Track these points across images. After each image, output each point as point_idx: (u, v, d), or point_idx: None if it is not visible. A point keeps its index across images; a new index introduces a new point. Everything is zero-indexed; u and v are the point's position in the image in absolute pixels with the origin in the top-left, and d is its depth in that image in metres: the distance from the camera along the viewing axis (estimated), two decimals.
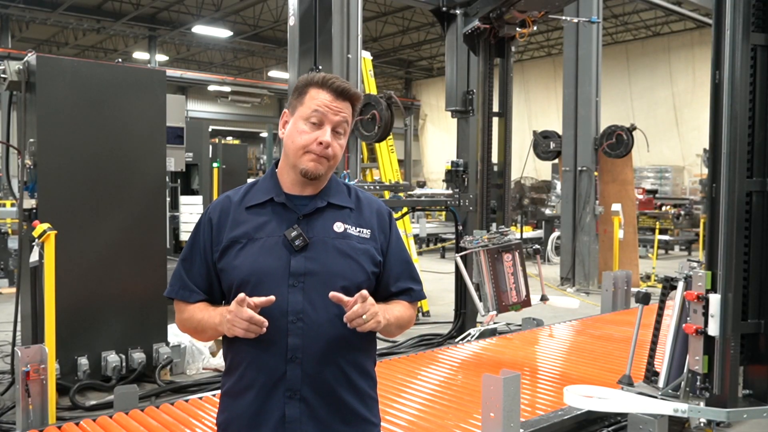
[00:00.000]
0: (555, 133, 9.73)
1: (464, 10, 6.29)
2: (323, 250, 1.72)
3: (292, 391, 1.67)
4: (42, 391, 3.65)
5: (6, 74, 4.94)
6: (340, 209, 1.79)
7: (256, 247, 1.73)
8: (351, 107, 1.78)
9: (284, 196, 1.78)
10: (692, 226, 15.80)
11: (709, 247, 3.10)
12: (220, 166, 10.20)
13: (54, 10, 18.84)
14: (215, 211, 1.81)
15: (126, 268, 5.21)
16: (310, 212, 1.76)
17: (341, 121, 1.75)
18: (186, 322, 1.81)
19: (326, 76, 1.77)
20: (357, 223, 1.79)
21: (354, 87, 1.81)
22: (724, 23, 2.98)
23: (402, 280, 1.85)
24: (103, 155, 5.10)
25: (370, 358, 1.82)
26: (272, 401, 1.68)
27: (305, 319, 1.68)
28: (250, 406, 1.70)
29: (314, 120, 1.73)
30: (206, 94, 23.68)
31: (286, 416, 1.67)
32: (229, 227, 1.77)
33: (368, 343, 1.81)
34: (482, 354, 5.12)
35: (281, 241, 1.72)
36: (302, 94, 1.77)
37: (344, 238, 1.75)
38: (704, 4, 12.05)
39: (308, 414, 1.68)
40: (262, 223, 1.75)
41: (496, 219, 6.31)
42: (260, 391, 1.69)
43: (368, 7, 19.71)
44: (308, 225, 1.74)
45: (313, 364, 1.68)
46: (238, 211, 1.78)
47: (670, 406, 3.13)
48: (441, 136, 29.01)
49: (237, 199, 1.81)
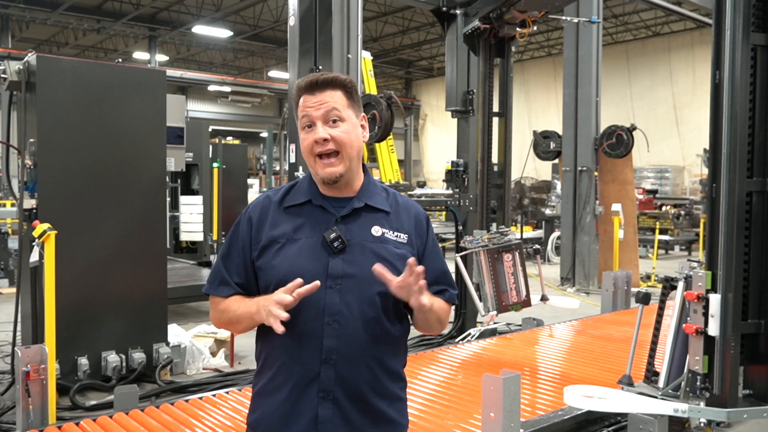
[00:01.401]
0: (555, 133, 9.76)
1: (464, 10, 6.28)
2: (361, 253, 1.72)
3: (326, 392, 1.68)
4: (42, 391, 3.65)
5: (6, 74, 4.94)
6: (377, 212, 1.80)
7: (295, 247, 1.74)
8: (338, 90, 1.75)
9: (322, 197, 1.79)
10: (692, 226, 15.80)
11: (709, 247, 3.09)
12: (220, 166, 10.19)
13: (54, 10, 18.85)
14: (255, 209, 1.82)
15: (126, 268, 5.20)
16: (348, 213, 1.76)
17: (328, 111, 1.73)
18: (222, 314, 1.81)
19: (303, 80, 1.77)
20: (394, 228, 1.79)
21: (328, 73, 1.79)
22: (724, 23, 2.98)
23: (437, 285, 1.84)
24: (104, 155, 5.10)
25: (400, 361, 1.83)
26: (305, 401, 1.69)
27: (341, 321, 1.68)
28: (282, 406, 1.71)
29: (306, 123, 1.75)
30: (206, 94, 23.66)
31: (319, 417, 1.68)
32: (269, 226, 1.78)
33: (400, 346, 1.82)
34: (482, 354, 5.12)
35: (320, 243, 1.72)
36: (296, 109, 1.79)
37: (382, 242, 1.75)
38: (704, 4, 12.05)
39: (340, 415, 1.69)
40: (301, 224, 1.76)
41: (496, 219, 6.31)
42: (293, 390, 1.70)
43: (368, 7, 19.72)
44: (346, 227, 1.75)
45: (346, 365, 1.69)
46: (278, 211, 1.80)
47: (670, 406, 3.13)
48: (441, 136, 29.00)
49: (277, 199, 1.82)
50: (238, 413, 3.66)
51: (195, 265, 9.19)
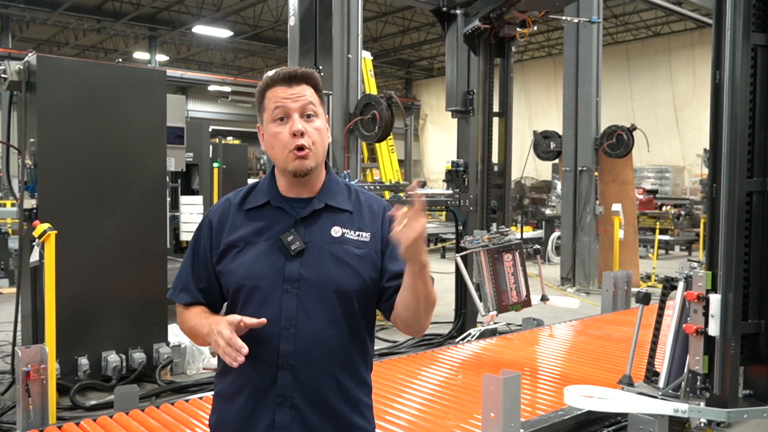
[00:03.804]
0: (555, 133, 9.75)
1: (464, 10, 6.29)
2: (318, 255, 1.68)
3: (283, 398, 1.65)
4: (42, 391, 3.65)
5: (6, 74, 4.94)
6: (339, 212, 1.75)
7: (253, 251, 1.70)
8: (310, 87, 1.73)
9: (281, 198, 1.75)
10: (692, 226, 15.79)
11: (709, 247, 3.09)
12: (221, 166, 10.19)
13: (54, 10, 18.84)
14: (216, 213, 1.80)
15: (126, 268, 5.21)
16: (308, 215, 1.72)
17: (305, 104, 1.70)
18: (183, 324, 1.81)
19: (272, 73, 1.74)
20: (356, 227, 1.73)
21: (303, 68, 1.77)
22: (725, 23, 2.98)
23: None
24: (104, 155, 5.10)
25: (364, 365, 1.78)
26: (262, 407, 1.67)
27: (298, 326, 1.65)
28: (241, 410, 1.69)
29: (279, 116, 1.69)
30: (206, 94, 23.60)
31: (276, 422, 1.65)
32: (228, 230, 1.75)
33: (363, 350, 1.76)
34: (482, 354, 5.12)
35: (277, 246, 1.69)
36: (262, 101, 1.74)
37: (341, 243, 1.70)
38: (704, 4, 12.05)
39: (299, 421, 1.65)
40: (260, 227, 1.73)
41: (496, 219, 6.31)
42: (251, 395, 1.68)
43: (368, 7, 19.71)
44: (305, 229, 1.71)
45: (305, 371, 1.65)
46: (237, 215, 1.76)
47: (670, 407, 3.13)
48: (441, 136, 29.00)
49: (237, 201, 1.79)
50: None
51: None
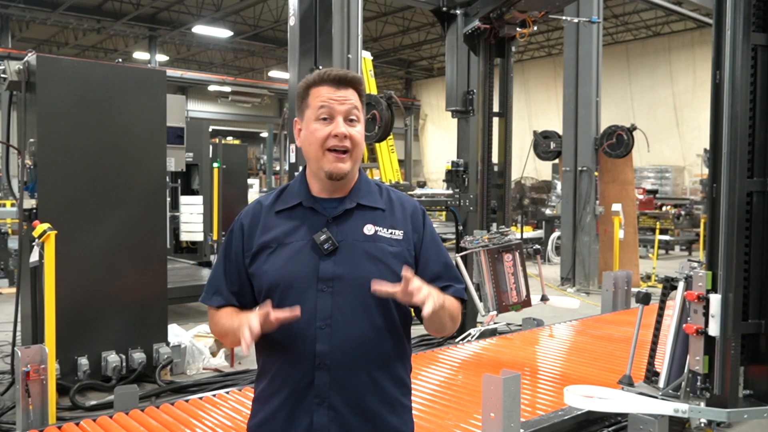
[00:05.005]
0: (555, 133, 9.74)
1: (464, 10, 6.28)
2: (352, 253, 1.68)
3: (321, 398, 1.65)
4: (42, 391, 3.65)
5: (6, 74, 4.94)
6: (371, 210, 1.75)
7: (286, 251, 1.71)
8: (355, 92, 1.75)
9: (313, 199, 1.76)
10: (693, 226, 15.79)
11: (709, 247, 3.09)
12: (221, 166, 10.19)
13: (54, 10, 18.85)
14: (247, 216, 1.80)
15: (126, 268, 5.20)
16: (340, 214, 1.73)
17: (350, 108, 1.72)
18: (215, 325, 1.82)
19: (321, 71, 1.75)
20: (388, 225, 1.74)
21: (352, 71, 1.79)
22: (725, 23, 2.98)
23: (440, 280, 1.76)
24: (104, 155, 5.10)
25: (402, 365, 1.77)
26: (301, 408, 1.67)
27: (333, 325, 1.65)
28: (279, 412, 1.69)
29: (324, 115, 1.71)
30: (206, 94, 23.67)
31: (314, 423, 1.65)
32: (260, 232, 1.75)
33: (400, 349, 1.76)
34: (482, 354, 5.12)
35: (310, 246, 1.69)
36: (306, 97, 1.75)
37: (374, 241, 1.71)
38: (704, 4, 12.04)
39: (337, 422, 1.65)
40: (292, 227, 1.73)
41: (496, 219, 6.30)
42: (289, 397, 1.68)
43: (368, 7, 19.71)
44: (338, 228, 1.71)
45: (341, 371, 1.65)
46: (269, 216, 1.77)
47: (670, 407, 3.13)
48: (441, 136, 29.01)
49: (268, 203, 1.80)
50: (238, 413, 3.65)
51: (195, 265, 9.20)
